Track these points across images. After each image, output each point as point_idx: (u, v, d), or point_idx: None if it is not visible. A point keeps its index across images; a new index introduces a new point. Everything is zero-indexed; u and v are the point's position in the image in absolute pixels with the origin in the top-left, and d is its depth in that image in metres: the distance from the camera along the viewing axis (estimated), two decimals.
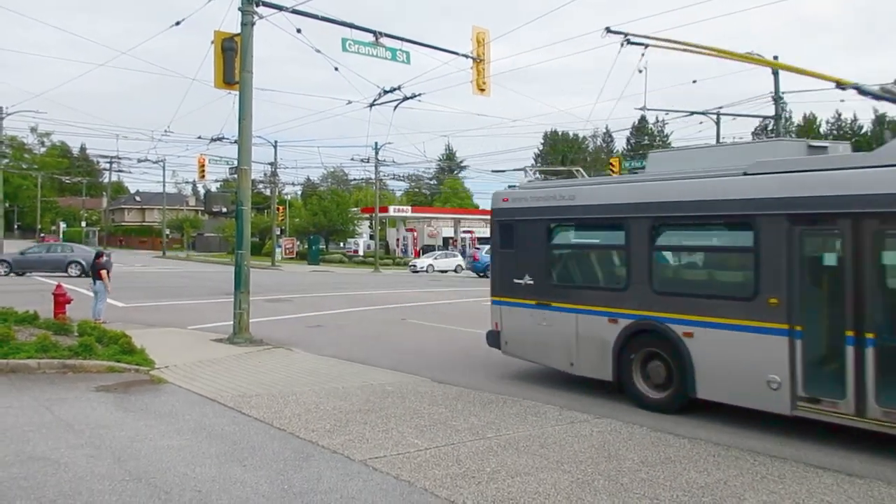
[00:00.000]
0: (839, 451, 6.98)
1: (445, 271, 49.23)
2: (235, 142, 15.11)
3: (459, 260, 53.52)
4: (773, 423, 8.06)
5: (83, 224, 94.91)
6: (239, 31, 14.06)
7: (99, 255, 17.12)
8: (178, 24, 16.29)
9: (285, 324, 17.11)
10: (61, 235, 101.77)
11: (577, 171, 11.31)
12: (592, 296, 9.54)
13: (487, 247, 50.26)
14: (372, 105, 22.88)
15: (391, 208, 75.73)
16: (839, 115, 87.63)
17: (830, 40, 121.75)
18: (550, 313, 9.80)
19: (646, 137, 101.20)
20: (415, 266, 50.73)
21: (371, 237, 67.51)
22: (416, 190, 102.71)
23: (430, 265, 50.09)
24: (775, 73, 32.82)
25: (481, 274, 42.93)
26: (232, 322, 13.94)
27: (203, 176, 51.47)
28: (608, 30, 11.81)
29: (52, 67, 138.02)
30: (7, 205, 60.42)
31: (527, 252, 10.25)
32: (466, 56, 17.95)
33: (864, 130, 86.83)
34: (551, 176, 11.31)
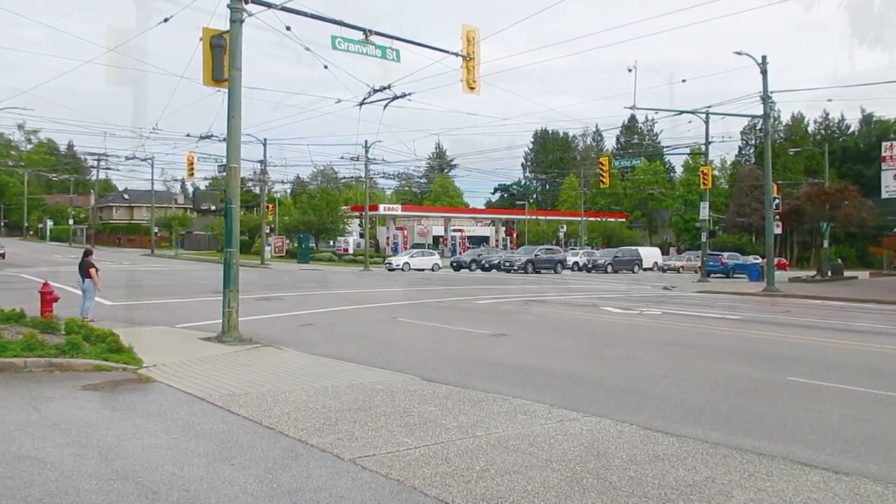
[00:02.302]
0: (826, 449, 7.02)
1: (422, 269, 49.06)
2: (224, 139, 15.03)
3: (436, 259, 53.37)
4: (762, 421, 8.12)
5: (71, 222, 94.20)
6: (227, 28, 13.99)
7: (88, 252, 17.01)
8: (166, 20, 16.22)
9: (275, 322, 17.05)
10: (48, 233, 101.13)
11: None
12: None
13: (727, 253, 51.59)
14: (362, 104, 22.87)
15: (381, 207, 75.70)
16: (827, 114, 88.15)
17: (824, 38, 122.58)
18: None
19: (635, 136, 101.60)
20: (391, 264, 50.45)
21: (361, 236, 67.42)
22: (407, 188, 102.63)
23: (406, 263, 49.97)
24: (764, 73, 33.02)
25: (720, 275, 45.47)
26: (221, 320, 13.88)
27: (192, 174, 51.20)
28: None
29: (40, 64, 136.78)
30: None
31: None
32: (457, 54, 17.97)
33: (851, 130, 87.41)
34: None
